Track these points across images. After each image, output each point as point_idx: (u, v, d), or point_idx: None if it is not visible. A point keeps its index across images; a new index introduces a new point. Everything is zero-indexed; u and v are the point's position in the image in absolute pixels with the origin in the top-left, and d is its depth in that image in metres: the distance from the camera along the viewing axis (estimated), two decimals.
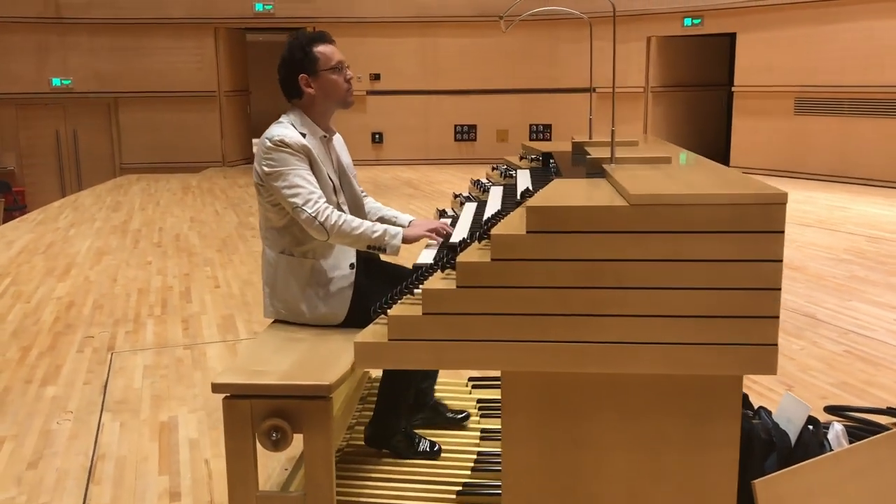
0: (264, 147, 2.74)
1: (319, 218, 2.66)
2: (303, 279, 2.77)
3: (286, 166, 2.69)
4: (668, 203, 1.81)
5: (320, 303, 2.76)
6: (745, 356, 1.86)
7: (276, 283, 2.81)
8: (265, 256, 2.86)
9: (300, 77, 2.79)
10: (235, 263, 6.83)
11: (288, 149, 2.70)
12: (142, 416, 3.73)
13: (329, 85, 2.82)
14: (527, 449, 2.01)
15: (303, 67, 2.79)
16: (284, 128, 2.78)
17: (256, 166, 2.79)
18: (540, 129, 14.38)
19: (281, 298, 2.81)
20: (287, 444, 2.31)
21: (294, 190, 2.68)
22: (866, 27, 10.71)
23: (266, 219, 2.84)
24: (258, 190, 2.82)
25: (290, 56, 2.80)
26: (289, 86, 2.84)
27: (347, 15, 14.11)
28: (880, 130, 10.71)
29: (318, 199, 2.69)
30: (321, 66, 2.80)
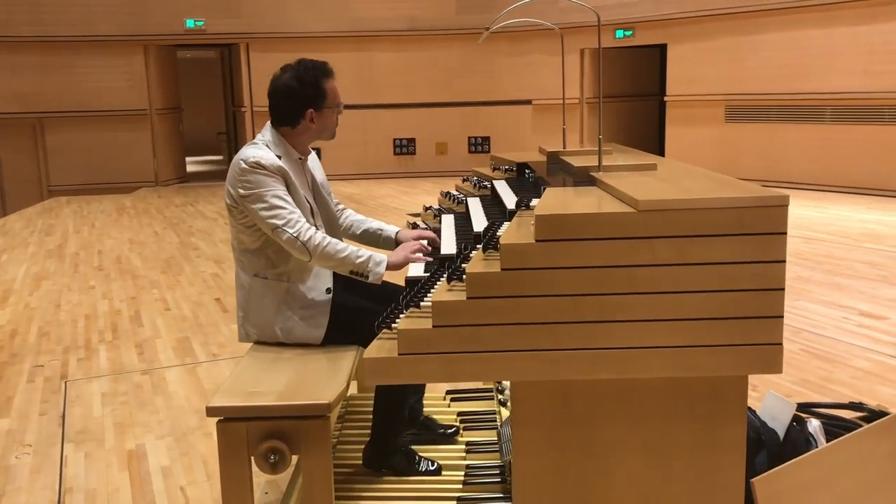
0: (239, 168, 2.66)
1: (301, 238, 2.61)
2: (277, 302, 2.71)
3: (263, 188, 2.63)
4: (675, 208, 1.84)
5: (296, 326, 2.70)
6: (752, 356, 1.89)
7: (249, 307, 2.75)
8: (238, 280, 2.79)
9: (307, 112, 2.74)
10: (183, 285, 6.66)
11: (264, 171, 2.64)
12: (106, 445, 3.59)
13: (327, 121, 2.81)
14: (538, 458, 2.00)
15: (313, 103, 2.74)
16: (259, 149, 2.71)
17: (230, 188, 2.71)
18: (479, 141, 14.47)
19: (254, 322, 2.74)
20: (286, 467, 2.25)
21: (274, 211, 2.62)
22: (790, 37, 11.12)
23: (239, 241, 2.77)
24: (230, 212, 2.74)
25: (301, 89, 2.72)
26: (289, 115, 2.76)
27: (281, 30, 13.97)
28: (806, 136, 11.12)
29: (298, 220, 2.63)
30: (327, 104, 2.77)
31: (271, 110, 2.81)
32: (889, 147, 10.21)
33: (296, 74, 2.74)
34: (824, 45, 10.77)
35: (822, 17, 10.74)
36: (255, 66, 14.07)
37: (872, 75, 10.29)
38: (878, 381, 4.06)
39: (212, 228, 9.54)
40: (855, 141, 10.56)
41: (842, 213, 9.15)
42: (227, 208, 2.76)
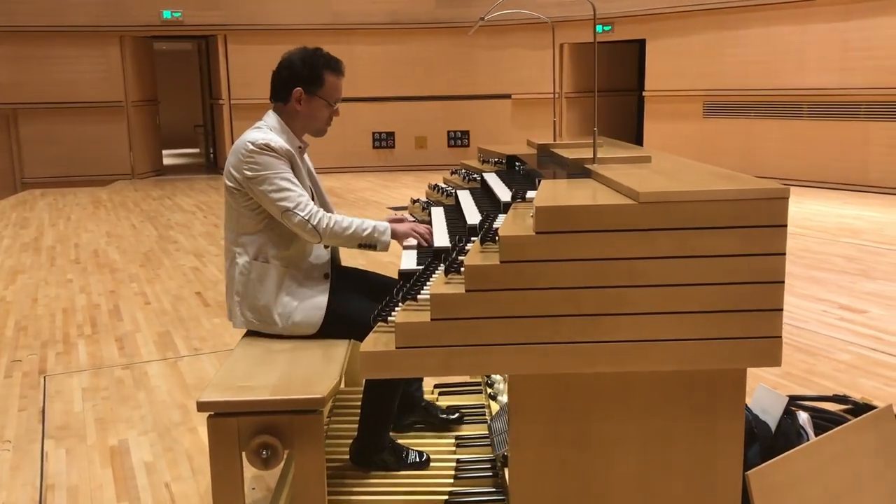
0: (246, 150, 2.64)
1: (312, 221, 2.60)
2: (276, 286, 2.68)
3: (272, 170, 2.61)
4: (676, 200, 1.83)
5: (294, 312, 2.67)
6: (751, 349, 1.89)
7: (247, 291, 2.71)
8: (235, 265, 2.74)
9: (295, 90, 2.72)
10: (163, 278, 6.58)
11: (273, 153, 2.63)
12: (88, 441, 3.53)
13: (315, 112, 2.78)
14: (535, 451, 1.99)
15: (303, 82, 2.72)
16: (265, 132, 2.70)
17: (233, 171, 2.68)
18: (458, 135, 14.45)
19: (252, 307, 2.70)
20: (278, 462, 2.22)
21: (283, 193, 2.60)
22: (768, 33, 11.20)
23: (240, 224, 2.73)
24: (231, 194, 2.71)
25: (299, 66, 2.72)
26: (281, 89, 2.76)
27: (260, 22, 13.84)
28: (782, 131, 11.21)
29: (307, 202, 2.63)
30: (321, 93, 2.75)
31: (271, 84, 2.81)
32: (864, 142, 10.32)
33: (302, 55, 2.75)
34: (801, 42, 10.86)
35: (798, 13, 10.82)
36: (232, 59, 13.93)
37: (848, 71, 10.39)
38: (860, 373, 4.09)
39: (190, 222, 9.44)
40: (831, 136, 10.66)
41: (819, 207, 9.24)
42: (227, 191, 2.73)
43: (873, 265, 6.37)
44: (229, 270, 2.79)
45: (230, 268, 2.78)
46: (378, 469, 2.83)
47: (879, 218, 8.52)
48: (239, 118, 14.10)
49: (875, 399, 3.58)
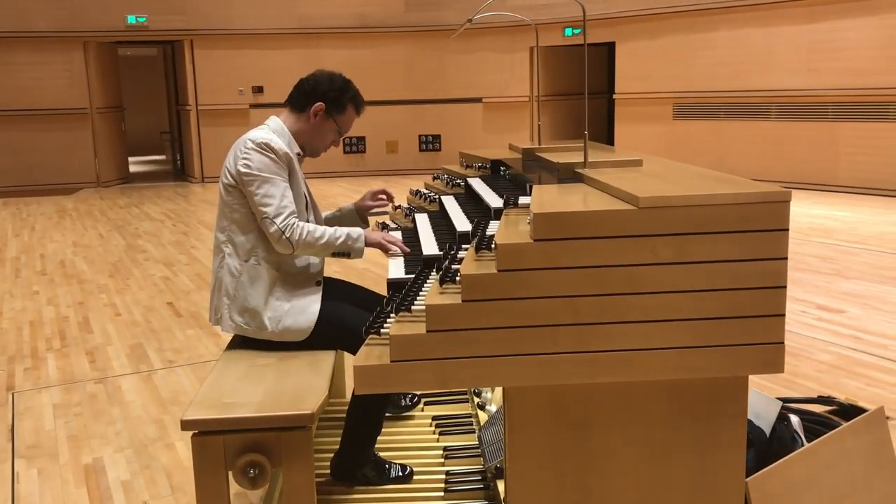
0: (245, 146, 2.60)
1: (287, 233, 2.55)
2: (268, 288, 2.62)
3: (265, 172, 2.57)
4: (676, 205, 1.78)
5: (285, 316, 2.60)
6: (754, 356, 1.85)
7: (237, 293, 2.64)
8: (225, 267, 2.67)
9: (318, 104, 2.72)
10: (133, 289, 6.44)
11: (272, 154, 2.58)
12: (61, 460, 3.41)
13: (322, 133, 2.78)
14: (534, 465, 1.93)
15: (328, 101, 2.72)
16: (268, 133, 2.66)
17: (230, 166, 2.63)
18: (430, 139, 14.39)
19: (242, 309, 2.63)
20: (266, 481, 2.14)
21: (268, 199, 2.55)
22: (736, 35, 11.29)
23: (232, 221, 2.67)
24: (228, 191, 2.65)
25: (329, 85, 2.74)
26: (303, 97, 2.74)
27: (226, 27, 13.68)
28: (752, 133, 11.31)
29: (288, 214, 2.57)
30: (336, 119, 2.75)
31: (293, 90, 2.80)
32: (833, 143, 10.43)
33: (338, 79, 2.78)
34: (768, 44, 10.96)
35: (765, 16, 10.92)
36: (199, 64, 13.75)
37: (815, 73, 10.50)
38: (843, 374, 4.10)
39: (159, 230, 9.27)
40: (800, 137, 10.77)
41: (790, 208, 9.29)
42: (224, 188, 2.66)
43: (847, 265, 6.42)
44: (218, 271, 2.71)
45: (219, 268, 2.70)
46: (359, 484, 2.76)
47: (850, 217, 8.61)
48: (206, 124, 13.93)
49: (859, 399, 3.57)
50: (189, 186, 13.78)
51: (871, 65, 9.90)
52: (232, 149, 2.70)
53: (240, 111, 14.01)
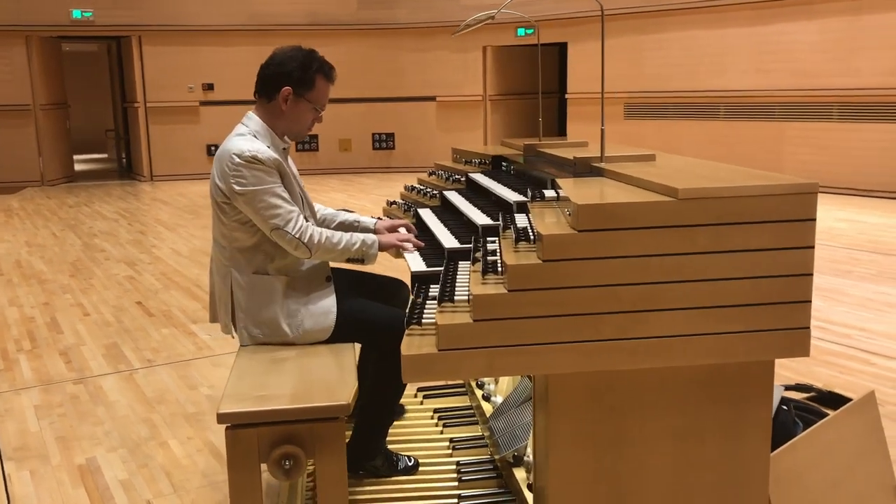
0: (233, 163, 2.51)
1: (303, 239, 2.52)
2: (281, 296, 2.59)
3: (261, 185, 2.50)
4: (713, 196, 1.85)
5: (305, 319, 2.59)
6: (783, 341, 1.93)
7: (250, 306, 2.60)
8: (232, 281, 2.63)
9: (284, 89, 2.62)
10: (97, 288, 6.31)
11: (262, 165, 2.51)
12: (53, 461, 3.34)
13: (299, 117, 2.68)
14: (573, 451, 1.99)
15: (293, 83, 2.61)
16: (251, 141, 2.57)
17: (220, 183, 2.56)
18: (383, 137, 14.37)
19: (258, 321, 2.60)
20: (300, 473, 2.15)
21: (274, 210, 2.50)
22: (685, 36, 11.57)
23: (233, 239, 2.61)
24: (222, 209, 2.59)
25: (289, 66, 2.62)
26: (268, 86, 2.64)
27: (174, 22, 13.45)
28: (702, 132, 11.60)
29: (297, 218, 2.53)
30: (309, 97, 2.65)
31: (257, 79, 2.69)
32: (779, 141, 10.78)
33: (296, 54, 2.64)
34: (718, 45, 11.26)
35: (715, 18, 11.22)
36: (148, 61, 13.49)
37: (763, 74, 10.83)
38: (814, 363, 4.26)
39: (115, 230, 9.08)
40: (748, 136, 11.09)
41: None
42: (216, 205, 2.60)
43: None
44: (223, 287, 2.67)
45: (224, 284, 2.66)
46: (369, 475, 2.78)
47: None
48: (156, 122, 13.68)
49: (833, 387, 3.73)
50: (138, 185, 13.50)
51: (816, 67, 10.26)
52: (216, 161, 2.61)
53: (190, 108, 13.79)
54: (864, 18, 9.79)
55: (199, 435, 3.57)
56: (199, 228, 9.03)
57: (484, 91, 13.86)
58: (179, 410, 3.85)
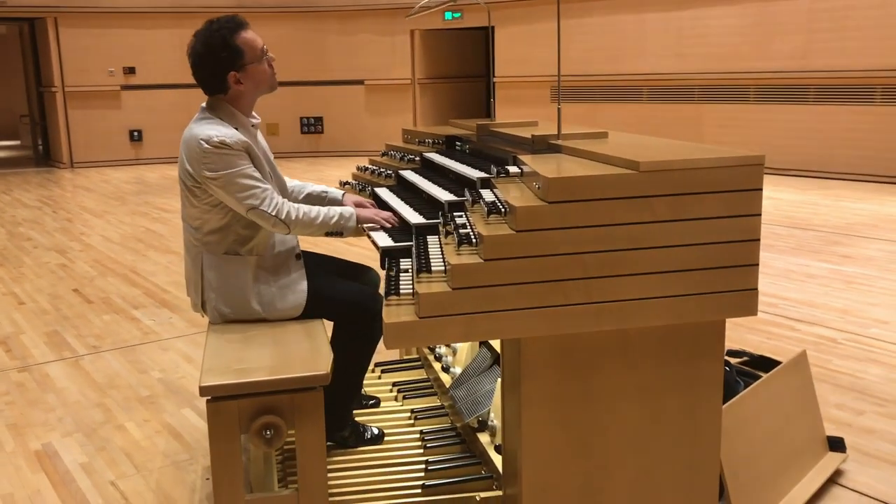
0: (202, 149, 2.53)
1: (280, 215, 2.55)
2: (251, 277, 2.63)
3: (232, 168, 2.53)
4: (671, 169, 2.00)
5: (275, 298, 2.64)
6: (733, 301, 2.10)
7: (221, 286, 2.64)
8: (202, 261, 2.66)
9: (229, 75, 2.61)
10: (29, 277, 6.16)
11: (230, 150, 2.53)
12: (7, 448, 3.32)
13: (258, 75, 2.67)
14: (545, 409, 2.11)
15: (230, 64, 2.60)
16: (218, 126, 2.59)
17: (189, 168, 2.58)
18: (311, 121, 14.29)
19: (228, 301, 2.64)
20: (281, 442, 2.22)
21: (248, 192, 2.53)
22: (608, 21, 11.86)
23: (204, 221, 2.64)
24: (191, 192, 2.61)
25: (211, 52, 2.58)
26: (212, 83, 2.64)
27: (93, 4, 13.06)
28: (625, 115, 11.94)
29: (272, 196, 2.57)
30: (248, 59, 2.63)
31: (199, 83, 2.69)
32: (698, 123, 11.18)
33: (203, 40, 2.60)
34: (639, 30, 11.58)
35: (636, 3, 11.53)
36: (65, 43, 13.07)
37: (682, 57, 11.20)
38: (744, 330, 4.51)
39: (39, 217, 8.83)
40: (669, 118, 11.46)
41: None
42: (186, 189, 2.62)
43: None
44: (193, 268, 2.70)
45: (194, 264, 2.69)
46: (337, 446, 2.86)
47: None
48: (75, 107, 13.28)
49: (762, 352, 3.98)
50: (57, 172, 13.10)
51: (734, 51, 10.67)
52: (184, 146, 2.61)
53: (110, 92, 13.43)
54: (778, 3, 10.23)
55: (155, 417, 3.58)
56: (127, 215, 8.87)
57: (412, 74, 13.92)
58: (132, 394, 3.85)
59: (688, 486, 2.27)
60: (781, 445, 2.76)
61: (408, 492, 2.56)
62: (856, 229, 7.05)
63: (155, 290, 5.69)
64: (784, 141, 10.41)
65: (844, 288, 5.24)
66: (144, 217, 8.71)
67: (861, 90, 9.67)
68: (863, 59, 9.58)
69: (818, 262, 5.91)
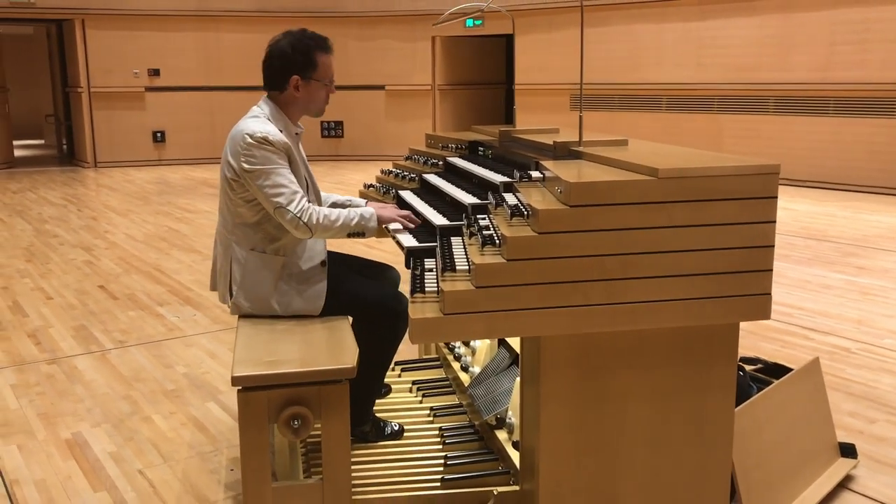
0: (244, 143, 2.66)
1: (304, 218, 2.64)
2: (274, 277, 2.73)
3: (268, 164, 2.64)
4: (690, 175, 2.07)
5: (295, 298, 2.73)
6: (748, 305, 2.17)
7: (244, 281, 2.74)
8: (231, 254, 2.77)
9: (293, 78, 2.77)
10: (57, 273, 6.30)
11: (271, 147, 2.66)
12: (39, 436, 3.43)
13: (314, 95, 2.84)
14: (562, 407, 2.19)
15: (300, 70, 2.77)
16: (263, 123, 2.72)
17: (231, 161, 2.70)
18: (332, 126, 14.42)
19: (249, 296, 2.74)
20: (308, 431, 2.31)
21: (278, 189, 2.64)
22: (628, 30, 11.92)
23: (237, 214, 2.75)
24: (230, 185, 2.73)
25: (292, 53, 2.76)
26: (276, 78, 2.80)
27: (119, 7, 13.26)
28: (645, 123, 11.98)
29: (300, 199, 2.67)
30: (316, 76, 2.80)
31: (263, 74, 2.84)
32: (718, 133, 11.21)
33: (291, 41, 2.79)
34: (659, 39, 11.64)
35: (657, 12, 11.59)
36: (92, 45, 13.28)
37: (702, 68, 11.24)
38: (759, 339, 4.57)
39: (65, 215, 8.99)
40: (689, 128, 11.50)
41: None
42: (226, 181, 2.74)
43: None
44: (223, 259, 2.81)
45: (224, 256, 2.80)
46: (357, 441, 2.94)
47: None
48: (100, 107, 13.48)
49: (776, 360, 4.03)
50: (82, 171, 13.29)
51: (754, 62, 10.70)
52: (229, 140, 2.76)
53: (135, 94, 13.63)
54: (799, 16, 10.26)
55: (181, 410, 3.68)
56: (150, 214, 9.01)
57: (433, 81, 14.03)
58: (158, 388, 3.95)
59: (700, 485, 2.33)
60: (793, 449, 2.82)
61: (427, 485, 2.64)
62: (872, 241, 7.08)
63: (179, 288, 5.81)
64: (803, 153, 10.43)
65: (859, 299, 5.28)
66: (167, 217, 8.85)
67: (881, 103, 9.69)
68: (883, 71, 9.59)
69: (834, 273, 5.94)
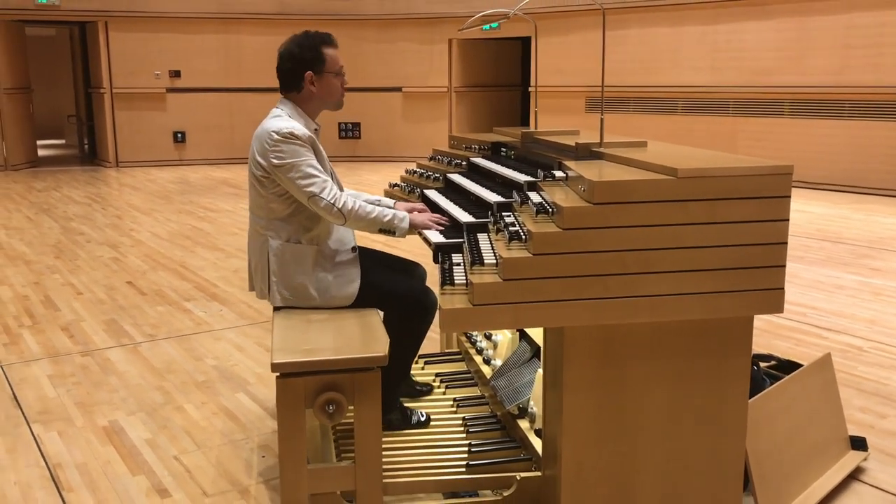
0: (272, 139, 2.81)
1: (337, 204, 2.79)
2: (311, 264, 2.87)
3: (298, 157, 2.79)
4: (707, 175, 2.19)
5: (330, 285, 2.87)
6: (762, 299, 2.28)
7: (282, 271, 2.88)
8: (268, 248, 2.91)
9: (307, 74, 2.92)
10: (85, 269, 6.46)
11: (298, 140, 2.80)
12: (77, 423, 3.57)
13: (330, 87, 2.99)
14: (584, 395, 2.31)
15: (311, 66, 2.93)
16: (287, 121, 2.87)
17: (260, 159, 2.84)
18: (349, 127, 14.58)
19: (288, 286, 2.88)
20: (342, 416, 2.44)
21: (310, 180, 2.78)
22: (644, 33, 12.01)
23: (270, 210, 2.90)
24: (261, 182, 2.87)
25: (300, 52, 2.92)
26: (291, 79, 2.95)
27: (142, 9, 13.46)
28: (660, 126, 12.06)
29: (332, 187, 2.82)
30: (327, 69, 2.95)
31: (279, 78, 3.00)
32: (732, 136, 11.28)
33: (297, 42, 2.97)
34: (675, 42, 11.72)
35: (672, 16, 11.67)
36: (114, 47, 13.49)
37: (718, 71, 11.32)
38: (773, 337, 4.66)
39: (90, 213, 9.18)
40: (705, 131, 11.58)
41: None
42: (255, 179, 2.88)
43: None
44: (260, 253, 2.94)
45: (261, 251, 2.94)
46: (385, 428, 3.07)
47: None
48: (121, 108, 13.68)
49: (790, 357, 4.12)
50: (104, 171, 13.50)
51: (769, 65, 10.77)
52: (255, 141, 2.91)
53: (156, 95, 13.83)
54: (814, 19, 10.32)
55: (212, 400, 3.82)
56: (173, 213, 9.18)
57: (449, 83, 14.16)
58: (189, 379, 4.09)
59: (715, 473, 2.44)
60: (805, 440, 2.92)
61: (453, 470, 2.76)
62: (887, 243, 7.15)
63: (205, 285, 5.96)
64: (818, 156, 10.49)
65: (872, 299, 5.36)
66: (190, 216, 9.01)
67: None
68: None
69: (847, 274, 6.02)
